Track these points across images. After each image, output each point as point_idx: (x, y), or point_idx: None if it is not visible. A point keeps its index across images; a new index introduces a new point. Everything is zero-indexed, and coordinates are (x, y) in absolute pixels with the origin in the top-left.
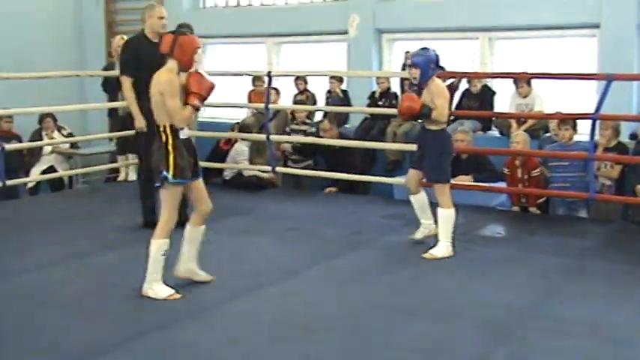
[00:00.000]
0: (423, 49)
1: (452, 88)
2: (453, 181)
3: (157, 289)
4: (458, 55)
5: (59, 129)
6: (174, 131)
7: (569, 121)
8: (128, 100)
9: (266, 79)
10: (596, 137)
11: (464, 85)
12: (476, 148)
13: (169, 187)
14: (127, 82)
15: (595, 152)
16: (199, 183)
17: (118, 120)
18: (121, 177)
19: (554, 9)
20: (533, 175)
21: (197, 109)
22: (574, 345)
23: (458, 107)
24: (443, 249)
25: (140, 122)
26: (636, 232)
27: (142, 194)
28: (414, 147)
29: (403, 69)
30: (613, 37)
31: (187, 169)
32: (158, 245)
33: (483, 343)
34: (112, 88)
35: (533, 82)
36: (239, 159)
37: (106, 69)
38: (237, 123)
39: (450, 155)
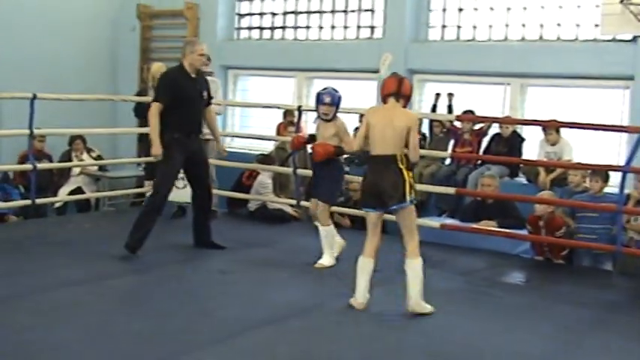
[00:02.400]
0: (334, 89)
1: (481, 133)
2: (476, 225)
3: (424, 305)
4: (488, 98)
5: (88, 151)
6: (408, 159)
7: (600, 172)
8: (151, 125)
9: (296, 113)
10: (627, 190)
11: (494, 129)
12: (502, 194)
13: (412, 209)
14: (155, 108)
15: (625, 205)
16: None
17: (148, 145)
18: None
19: (588, 59)
20: (557, 236)
21: None
22: None
23: (486, 151)
24: (328, 258)
25: (157, 149)
26: None
27: (142, 223)
28: (439, 188)
29: (433, 110)
30: None
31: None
32: (421, 264)
33: None
34: (143, 113)
35: (563, 130)
36: (263, 191)
37: (138, 94)
38: (262, 154)
39: (341, 182)
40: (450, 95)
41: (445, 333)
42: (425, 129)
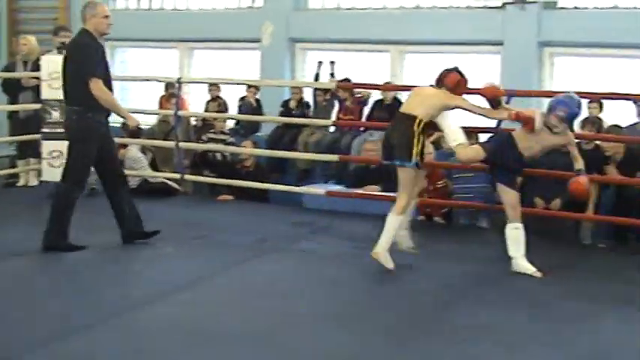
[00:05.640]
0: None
1: (362, 101)
2: (360, 191)
3: (388, 256)
4: (371, 66)
5: None
6: (425, 127)
7: (471, 134)
8: (110, 101)
9: (176, 85)
10: None
11: (376, 96)
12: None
13: (414, 171)
14: (100, 83)
15: None
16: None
17: (19, 123)
18: (21, 182)
19: (461, 26)
20: (437, 186)
21: None
22: (466, 349)
23: (369, 118)
24: (524, 264)
25: (134, 120)
26: (534, 242)
27: (62, 208)
28: (324, 156)
29: (316, 79)
30: (515, 55)
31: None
32: (399, 221)
33: (383, 350)
34: (12, 89)
35: None
36: (137, 166)
37: (6, 69)
38: (123, 124)
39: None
40: (332, 63)
41: (328, 293)
42: (309, 98)
